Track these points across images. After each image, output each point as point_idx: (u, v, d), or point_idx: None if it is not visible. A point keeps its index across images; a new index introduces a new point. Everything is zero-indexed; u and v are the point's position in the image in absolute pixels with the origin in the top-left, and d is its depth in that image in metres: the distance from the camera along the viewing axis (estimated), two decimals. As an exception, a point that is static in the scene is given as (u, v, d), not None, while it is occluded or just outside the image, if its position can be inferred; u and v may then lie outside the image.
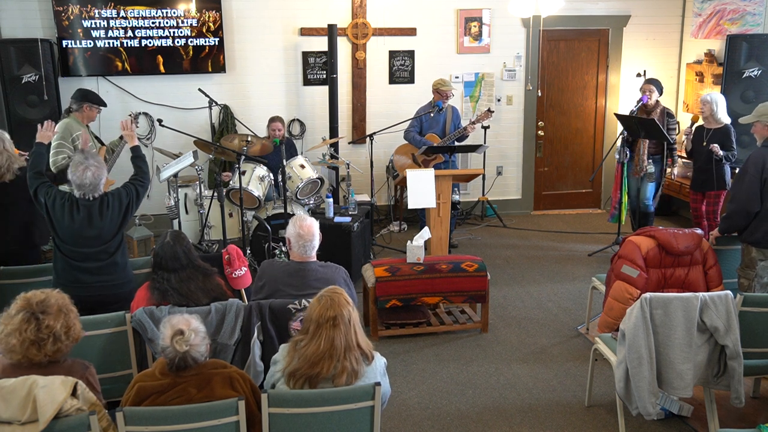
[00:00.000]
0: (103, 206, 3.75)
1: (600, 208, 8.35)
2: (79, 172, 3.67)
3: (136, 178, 4.00)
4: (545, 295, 5.71)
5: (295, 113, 7.49)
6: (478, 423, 3.87)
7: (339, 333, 2.71)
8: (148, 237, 6.50)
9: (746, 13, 6.96)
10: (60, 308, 2.63)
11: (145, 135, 7.19)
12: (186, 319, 2.65)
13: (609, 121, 8.04)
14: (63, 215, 3.70)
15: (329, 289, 2.85)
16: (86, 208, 3.71)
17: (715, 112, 5.75)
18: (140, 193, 3.94)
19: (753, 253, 4.36)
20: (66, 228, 3.71)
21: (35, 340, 2.54)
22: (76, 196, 3.74)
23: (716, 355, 3.47)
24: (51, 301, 2.61)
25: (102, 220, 3.73)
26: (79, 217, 3.70)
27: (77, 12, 6.70)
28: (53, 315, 2.58)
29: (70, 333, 2.64)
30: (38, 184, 3.79)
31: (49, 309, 2.59)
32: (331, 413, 2.67)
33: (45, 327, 2.55)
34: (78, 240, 3.73)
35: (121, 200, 3.82)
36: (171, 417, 2.54)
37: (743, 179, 4.34)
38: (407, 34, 7.47)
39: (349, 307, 2.77)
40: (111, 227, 3.78)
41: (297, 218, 3.61)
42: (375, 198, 7.09)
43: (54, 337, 2.57)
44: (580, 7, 7.67)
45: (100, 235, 3.75)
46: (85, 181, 3.68)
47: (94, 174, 3.69)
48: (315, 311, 2.75)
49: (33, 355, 2.55)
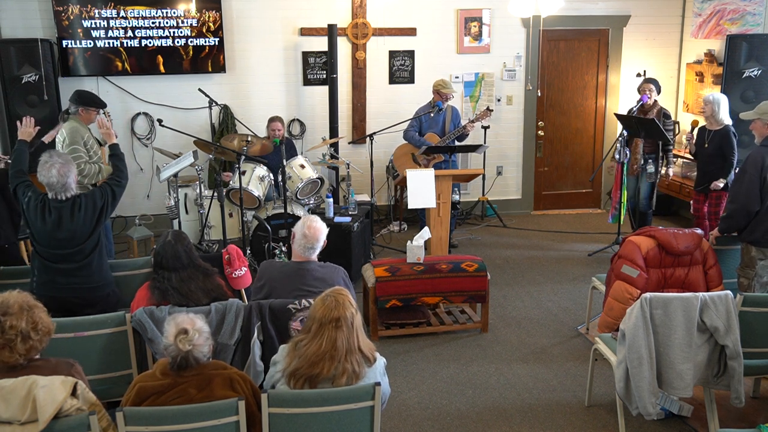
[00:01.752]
0: (74, 208, 3.67)
1: (600, 208, 8.34)
2: (44, 170, 3.60)
3: (112, 178, 3.93)
4: (545, 295, 5.71)
5: (295, 113, 7.49)
6: (478, 423, 3.87)
7: (341, 335, 2.70)
8: (148, 237, 6.50)
9: (746, 13, 6.96)
10: (21, 306, 2.58)
11: (145, 135, 7.19)
12: (191, 319, 2.65)
13: (609, 121, 8.04)
14: (36, 216, 3.65)
15: (335, 289, 2.83)
16: (57, 209, 3.64)
17: (716, 113, 5.74)
18: (117, 193, 3.87)
19: (752, 252, 4.37)
20: (39, 229, 3.66)
21: (3, 343, 2.51)
22: (49, 197, 3.67)
23: (716, 355, 3.47)
24: (10, 302, 2.57)
25: (73, 222, 3.66)
26: (50, 218, 3.63)
27: (77, 12, 6.70)
28: (15, 314, 2.54)
29: (39, 328, 2.59)
30: (18, 183, 3.75)
31: (10, 309, 2.55)
32: (331, 413, 2.67)
33: (9, 328, 2.51)
34: (51, 241, 3.67)
35: (95, 201, 3.74)
36: (171, 417, 2.54)
37: (742, 179, 4.34)
38: (407, 34, 7.47)
39: (352, 310, 2.76)
40: (84, 229, 3.70)
41: (308, 218, 3.59)
42: (375, 198, 7.08)
43: (21, 335, 2.53)
44: (580, 7, 7.67)
45: (73, 237, 3.68)
46: (51, 179, 3.60)
47: (60, 171, 3.60)
48: (319, 311, 2.74)
49: (6, 357, 2.52)
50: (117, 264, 4.18)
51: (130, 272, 4.15)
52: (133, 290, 3.73)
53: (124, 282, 4.09)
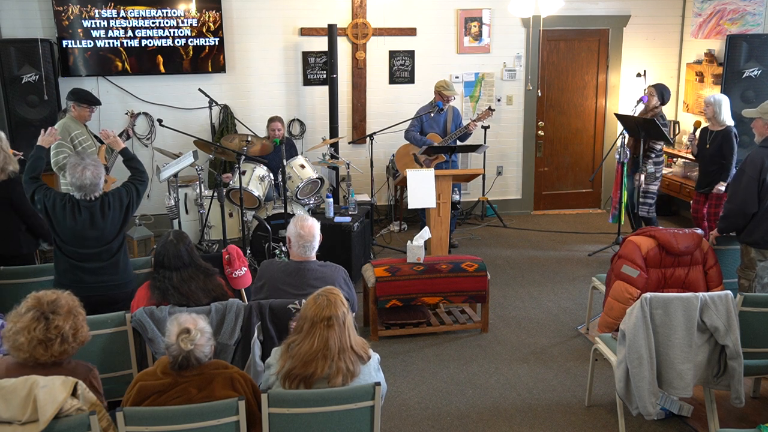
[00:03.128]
0: (104, 206, 3.75)
1: (600, 208, 8.35)
2: (77, 173, 3.66)
3: (134, 177, 4.02)
4: (545, 295, 5.71)
5: (295, 113, 7.49)
6: (478, 423, 3.87)
7: (333, 334, 2.70)
8: (148, 237, 6.50)
9: (746, 13, 6.96)
10: (70, 310, 2.63)
11: (145, 135, 7.19)
12: (194, 319, 2.66)
13: (609, 121, 8.04)
14: (65, 217, 3.69)
15: (326, 288, 2.84)
16: (88, 209, 3.72)
17: (717, 114, 5.73)
18: (140, 191, 3.96)
19: (752, 253, 4.36)
20: (68, 229, 3.71)
21: (43, 339, 2.54)
22: (76, 197, 3.73)
23: (716, 355, 3.47)
24: (61, 302, 2.61)
25: (104, 221, 3.74)
26: (81, 218, 3.70)
27: (77, 12, 6.70)
28: (63, 316, 2.59)
29: (78, 335, 2.64)
30: (35, 188, 3.78)
31: (59, 309, 2.59)
32: (331, 413, 2.67)
33: (54, 327, 2.55)
34: (80, 241, 3.73)
35: (121, 200, 3.83)
36: (171, 417, 2.54)
37: (740, 179, 4.33)
38: (407, 34, 7.47)
39: (344, 309, 2.76)
40: (113, 227, 3.79)
41: (298, 218, 3.60)
42: (375, 198, 7.09)
43: (62, 338, 2.57)
44: (580, 7, 7.67)
45: (103, 236, 3.75)
46: (85, 181, 3.68)
47: (93, 173, 3.69)
48: (310, 310, 2.74)
49: (39, 354, 2.55)
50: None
51: (130, 272, 4.15)
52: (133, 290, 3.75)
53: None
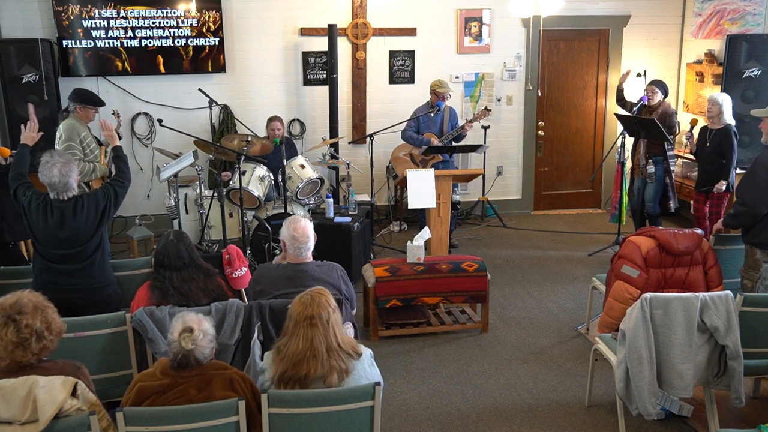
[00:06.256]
0: (77, 207, 3.65)
1: (600, 208, 8.34)
2: (46, 170, 3.58)
3: (115, 179, 3.91)
4: (545, 295, 5.71)
5: (295, 113, 7.49)
6: (478, 423, 3.87)
7: (317, 333, 2.70)
8: (148, 237, 6.50)
9: (746, 13, 6.96)
10: (36, 306, 2.60)
11: (145, 135, 7.19)
12: (198, 319, 2.67)
13: (609, 121, 8.04)
14: (38, 217, 3.63)
15: (314, 288, 2.85)
16: (59, 209, 3.62)
17: (722, 113, 5.74)
18: (119, 194, 3.84)
19: (757, 254, 4.34)
20: (41, 230, 3.64)
21: (18, 341, 2.52)
22: (50, 197, 3.65)
23: (716, 355, 3.47)
24: (24, 301, 2.59)
25: (75, 222, 3.63)
26: (52, 219, 3.61)
27: (77, 12, 6.69)
28: (30, 314, 2.56)
29: (52, 328, 2.62)
30: (18, 184, 3.74)
31: (24, 309, 2.57)
32: (330, 413, 2.67)
33: (24, 326, 2.53)
34: (53, 242, 3.65)
35: (97, 202, 3.71)
36: (171, 417, 2.54)
37: (752, 181, 4.26)
38: (407, 34, 7.47)
39: (329, 309, 2.75)
40: (86, 229, 3.67)
41: (290, 220, 3.60)
42: (375, 198, 7.08)
43: (37, 335, 2.55)
44: (580, 7, 7.66)
45: (76, 237, 3.65)
46: (53, 179, 3.58)
47: (61, 171, 3.58)
48: (295, 309, 2.75)
49: (20, 356, 2.54)
50: (117, 264, 4.16)
51: (130, 272, 4.15)
52: (133, 290, 3.74)
53: (125, 282, 4.08)
